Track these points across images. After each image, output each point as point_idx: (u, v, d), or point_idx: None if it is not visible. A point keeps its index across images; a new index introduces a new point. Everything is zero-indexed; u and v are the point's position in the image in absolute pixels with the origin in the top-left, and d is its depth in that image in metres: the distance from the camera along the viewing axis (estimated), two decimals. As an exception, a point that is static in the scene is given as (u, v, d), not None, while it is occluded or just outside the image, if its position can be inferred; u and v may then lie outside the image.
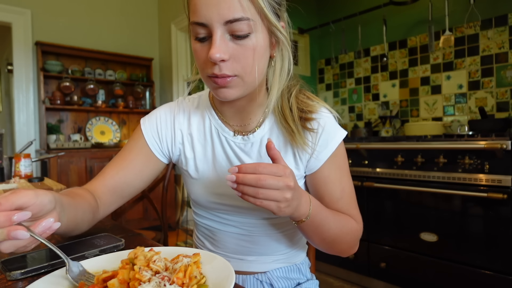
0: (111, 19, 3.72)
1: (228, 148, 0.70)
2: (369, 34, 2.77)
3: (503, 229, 1.51)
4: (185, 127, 0.74)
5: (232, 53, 0.56)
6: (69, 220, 0.54)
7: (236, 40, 0.56)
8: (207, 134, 0.72)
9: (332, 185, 0.69)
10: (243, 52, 0.57)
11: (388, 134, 2.53)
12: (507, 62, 2.10)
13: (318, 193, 0.70)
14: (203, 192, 0.73)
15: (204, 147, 0.72)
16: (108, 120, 3.65)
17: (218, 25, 0.54)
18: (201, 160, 0.72)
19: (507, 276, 1.50)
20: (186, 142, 0.74)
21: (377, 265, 1.95)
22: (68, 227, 0.56)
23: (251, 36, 0.56)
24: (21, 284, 0.47)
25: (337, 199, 0.69)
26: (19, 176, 1.43)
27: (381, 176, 1.93)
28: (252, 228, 0.73)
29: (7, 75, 4.58)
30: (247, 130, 0.71)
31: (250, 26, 0.55)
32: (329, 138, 0.68)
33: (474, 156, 1.59)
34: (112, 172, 0.71)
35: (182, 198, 3.56)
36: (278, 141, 0.70)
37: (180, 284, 0.39)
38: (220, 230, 0.75)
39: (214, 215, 0.75)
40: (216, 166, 0.71)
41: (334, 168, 0.69)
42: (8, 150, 4.08)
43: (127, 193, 0.72)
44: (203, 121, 0.73)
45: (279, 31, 0.60)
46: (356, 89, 2.93)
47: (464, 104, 2.30)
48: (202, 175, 0.72)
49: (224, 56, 0.55)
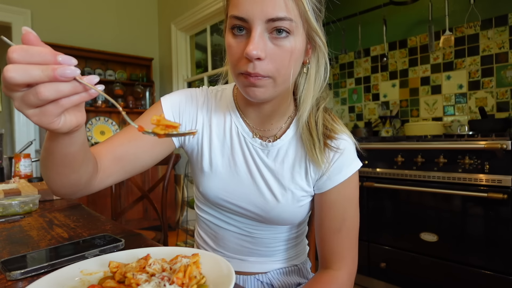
0: (111, 19, 3.72)
1: (245, 149, 0.69)
2: (369, 34, 2.77)
3: (503, 229, 1.51)
4: (207, 118, 0.71)
5: (269, 52, 0.55)
6: (83, 143, 0.48)
7: (274, 40, 0.55)
8: (226, 130, 0.70)
9: (335, 211, 0.67)
10: (280, 53, 0.55)
11: (388, 134, 2.53)
12: (507, 62, 2.10)
13: (321, 215, 0.69)
14: (214, 187, 0.70)
15: (222, 143, 0.70)
16: (108, 120, 3.65)
17: (260, 22, 0.53)
18: (216, 155, 0.70)
19: (507, 276, 1.50)
20: (205, 133, 0.71)
21: (377, 265, 1.95)
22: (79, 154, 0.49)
23: (290, 38, 0.55)
24: (21, 284, 0.47)
25: (336, 229, 0.67)
26: (19, 176, 1.43)
27: (381, 176, 1.93)
28: (254, 230, 0.73)
29: (7, 75, 4.58)
30: (267, 135, 0.69)
31: (291, 27, 0.54)
32: (345, 163, 0.66)
33: (474, 156, 1.59)
34: (122, 140, 0.63)
35: (182, 198, 3.56)
36: (296, 153, 0.68)
37: (180, 284, 0.39)
38: (223, 228, 0.75)
39: (219, 212, 0.74)
40: (231, 164, 0.69)
41: (342, 196, 0.67)
42: (8, 150, 4.08)
43: (132, 167, 0.65)
44: (224, 117, 0.71)
45: (318, 36, 0.59)
46: (356, 89, 2.93)
47: (464, 104, 2.30)
48: (215, 170, 0.70)
49: (261, 54, 0.53)
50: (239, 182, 0.68)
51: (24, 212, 0.89)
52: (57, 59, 0.34)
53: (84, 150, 0.50)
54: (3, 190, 1.07)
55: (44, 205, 1.00)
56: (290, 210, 0.67)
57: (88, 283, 0.44)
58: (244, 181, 0.68)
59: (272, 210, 0.67)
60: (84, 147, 0.50)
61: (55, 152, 0.47)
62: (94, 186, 0.60)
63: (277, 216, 0.68)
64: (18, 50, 0.33)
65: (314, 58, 0.62)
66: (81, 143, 0.48)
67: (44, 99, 0.34)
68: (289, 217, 0.68)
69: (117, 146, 0.63)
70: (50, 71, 0.33)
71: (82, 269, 0.47)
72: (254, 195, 0.68)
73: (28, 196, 0.96)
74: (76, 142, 0.46)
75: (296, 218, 0.70)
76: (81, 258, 0.54)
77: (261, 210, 0.68)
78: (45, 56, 0.34)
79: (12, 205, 0.87)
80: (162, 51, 4.00)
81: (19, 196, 0.98)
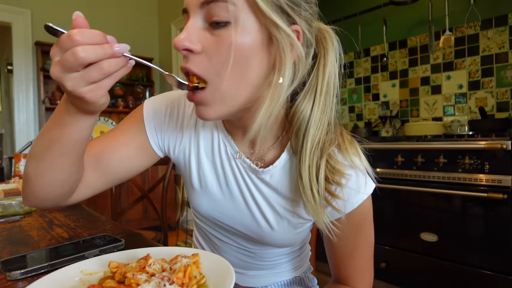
0: (111, 19, 3.72)
1: (236, 170, 0.60)
2: (369, 34, 2.77)
3: (503, 229, 1.51)
4: (193, 130, 0.63)
5: (205, 44, 0.45)
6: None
7: (212, 30, 0.45)
8: (215, 148, 0.61)
9: (344, 241, 0.59)
10: (216, 45, 0.44)
11: (388, 134, 2.53)
12: (507, 62, 2.10)
13: (329, 244, 0.62)
14: (205, 206, 0.63)
15: (211, 161, 0.62)
16: (108, 120, 3.65)
17: (194, 7, 0.45)
18: (207, 173, 0.62)
19: (507, 276, 1.50)
20: (192, 148, 0.63)
21: (377, 265, 1.95)
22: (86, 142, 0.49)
23: (231, 27, 0.44)
24: (21, 284, 0.47)
25: (348, 256, 0.60)
26: (19, 176, 1.43)
27: (381, 176, 1.93)
28: (252, 246, 0.66)
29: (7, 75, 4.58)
30: (257, 157, 0.59)
31: (229, 11, 0.43)
32: (351, 193, 0.55)
33: (474, 156, 1.59)
34: (104, 147, 0.58)
35: (182, 198, 3.56)
36: (292, 183, 0.57)
37: (180, 284, 0.39)
38: (220, 240, 0.69)
39: (216, 225, 0.67)
40: (222, 184, 0.61)
41: (351, 224, 0.57)
42: (8, 150, 4.08)
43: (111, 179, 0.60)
44: (211, 132, 0.62)
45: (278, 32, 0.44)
46: (356, 89, 2.93)
47: (464, 104, 2.30)
48: (206, 189, 0.62)
49: (193, 45, 0.45)
50: (232, 204, 0.61)
51: (24, 212, 0.89)
52: (107, 39, 0.39)
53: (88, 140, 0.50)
54: (3, 190, 1.07)
55: (44, 205, 1.00)
56: (287, 237, 0.61)
57: (88, 283, 0.44)
58: (237, 204, 0.61)
59: (267, 236, 0.60)
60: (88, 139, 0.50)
61: (65, 139, 0.46)
62: (73, 196, 0.56)
63: (273, 242, 0.61)
64: (80, 34, 0.36)
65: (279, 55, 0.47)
66: (92, 129, 0.49)
67: (106, 73, 0.39)
68: (286, 243, 0.63)
69: (98, 153, 0.58)
70: (108, 49, 0.38)
71: (82, 269, 0.47)
72: (247, 220, 0.60)
73: (28, 196, 0.96)
74: (93, 126, 0.48)
75: (295, 243, 0.65)
76: (81, 258, 0.54)
77: (256, 235, 0.61)
78: (99, 37, 0.38)
79: (12, 205, 0.87)
80: (162, 51, 4.00)
81: (19, 196, 0.98)
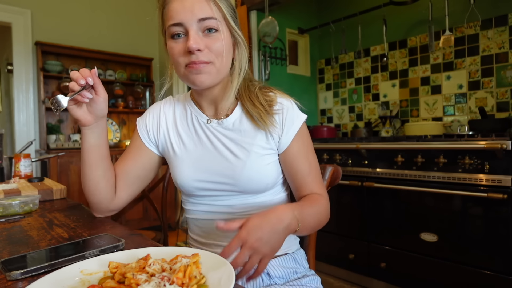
0: (111, 19, 3.72)
1: (207, 131, 0.81)
2: (369, 34, 2.77)
3: (503, 229, 1.51)
4: (170, 116, 0.87)
5: (206, 44, 0.71)
6: (100, 144, 0.77)
7: (207, 36, 0.71)
8: (189, 121, 0.85)
9: (302, 159, 0.79)
10: (214, 43, 0.71)
11: (388, 134, 2.54)
12: (507, 62, 2.10)
13: (292, 170, 0.79)
14: (187, 171, 0.80)
15: (186, 132, 0.84)
16: (108, 120, 3.65)
17: (193, 23, 0.70)
18: (185, 139, 0.83)
19: (507, 276, 1.50)
20: (170, 128, 0.85)
21: (377, 265, 1.95)
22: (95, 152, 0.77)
23: (218, 34, 0.72)
24: (21, 284, 0.47)
25: (307, 173, 0.79)
26: (19, 176, 1.43)
27: (381, 176, 1.93)
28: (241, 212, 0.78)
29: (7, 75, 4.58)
30: (220, 116, 0.83)
31: (217, 25, 0.71)
32: (294, 116, 0.79)
33: (474, 156, 1.59)
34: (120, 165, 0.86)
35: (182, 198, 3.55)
36: (249, 127, 0.79)
37: (180, 284, 0.39)
38: (210, 220, 0.81)
39: (202, 204, 0.82)
40: (197, 144, 0.82)
41: (301, 145, 0.79)
42: (8, 150, 4.08)
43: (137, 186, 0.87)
44: (185, 111, 0.86)
45: (237, 33, 0.76)
46: (356, 89, 2.93)
47: (464, 104, 2.30)
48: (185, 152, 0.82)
49: (200, 46, 0.70)
50: (206, 157, 0.79)
51: (24, 212, 0.89)
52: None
53: (98, 151, 0.78)
54: (3, 190, 1.07)
55: (44, 205, 1.00)
56: (257, 168, 0.76)
57: (88, 283, 0.44)
58: (211, 155, 0.79)
59: (240, 172, 0.76)
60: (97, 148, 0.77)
61: (82, 149, 0.77)
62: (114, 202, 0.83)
63: (247, 178, 0.76)
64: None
65: (238, 53, 0.78)
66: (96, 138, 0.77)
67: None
68: (258, 177, 0.76)
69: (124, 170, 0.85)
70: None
71: (82, 269, 0.47)
72: (221, 164, 0.78)
73: (28, 196, 0.96)
74: (95, 134, 0.76)
75: (266, 178, 0.78)
76: (81, 258, 0.54)
77: (231, 178, 0.76)
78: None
79: (12, 205, 0.87)
80: (162, 51, 3.99)
81: (19, 196, 0.98)
